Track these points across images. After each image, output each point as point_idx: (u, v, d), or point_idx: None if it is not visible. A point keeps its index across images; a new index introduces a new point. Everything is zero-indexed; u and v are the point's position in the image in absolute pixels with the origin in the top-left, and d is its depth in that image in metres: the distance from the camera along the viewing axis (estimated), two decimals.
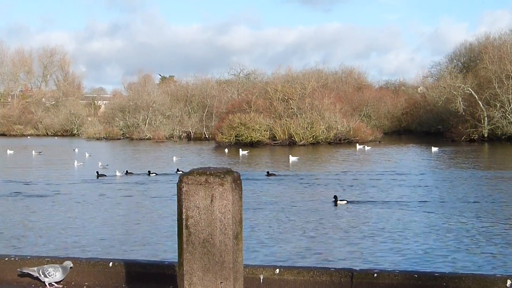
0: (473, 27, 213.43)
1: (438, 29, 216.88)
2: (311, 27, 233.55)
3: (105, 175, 36.46)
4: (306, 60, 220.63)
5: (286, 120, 70.71)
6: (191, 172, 5.63)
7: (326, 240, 17.33)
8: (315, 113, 71.36)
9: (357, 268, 7.34)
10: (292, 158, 46.29)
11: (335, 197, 24.68)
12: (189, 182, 5.56)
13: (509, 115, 69.84)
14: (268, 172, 36.11)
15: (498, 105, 70.46)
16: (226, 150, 58.66)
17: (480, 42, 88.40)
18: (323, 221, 20.39)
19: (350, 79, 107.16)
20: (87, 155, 54.69)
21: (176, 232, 5.69)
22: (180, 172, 37.67)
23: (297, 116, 71.23)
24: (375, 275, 6.98)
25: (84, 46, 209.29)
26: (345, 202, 24.24)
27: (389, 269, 8.33)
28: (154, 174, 36.93)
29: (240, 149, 56.74)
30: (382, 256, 15.20)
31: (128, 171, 37.69)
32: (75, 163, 45.20)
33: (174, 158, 49.19)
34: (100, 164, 42.73)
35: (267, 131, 70.52)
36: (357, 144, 64.27)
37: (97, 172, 37.23)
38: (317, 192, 28.15)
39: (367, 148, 60.50)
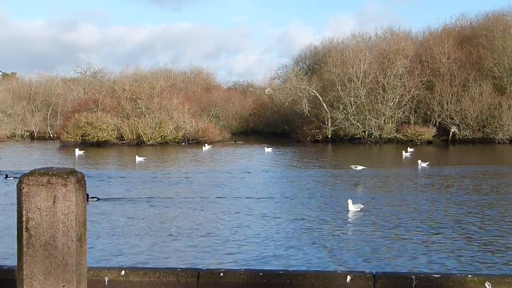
0: (320, 31, 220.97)
1: (286, 32, 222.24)
2: (160, 26, 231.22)
3: None
4: (156, 59, 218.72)
5: (134, 119, 69.96)
6: (32, 173, 5.42)
7: None
8: (163, 113, 71.16)
9: (203, 268, 7.41)
10: (138, 158, 45.81)
11: (86, 194, 24.95)
12: (30, 183, 5.35)
13: (351, 117, 72.85)
14: (6, 175, 33.80)
15: (341, 107, 73.06)
16: (77, 150, 56.85)
17: (324, 46, 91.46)
18: None
19: (199, 80, 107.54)
20: None
21: (16, 235, 5.47)
22: None
23: (145, 115, 70.66)
24: (221, 274, 7.06)
25: None
26: (96, 199, 25.29)
27: (235, 268, 8.46)
28: None
29: (77, 149, 55.31)
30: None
31: None
32: None
33: None
34: None
35: (114, 130, 69.40)
36: (205, 144, 64.48)
37: None
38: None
39: (205, 148, 60.89)
